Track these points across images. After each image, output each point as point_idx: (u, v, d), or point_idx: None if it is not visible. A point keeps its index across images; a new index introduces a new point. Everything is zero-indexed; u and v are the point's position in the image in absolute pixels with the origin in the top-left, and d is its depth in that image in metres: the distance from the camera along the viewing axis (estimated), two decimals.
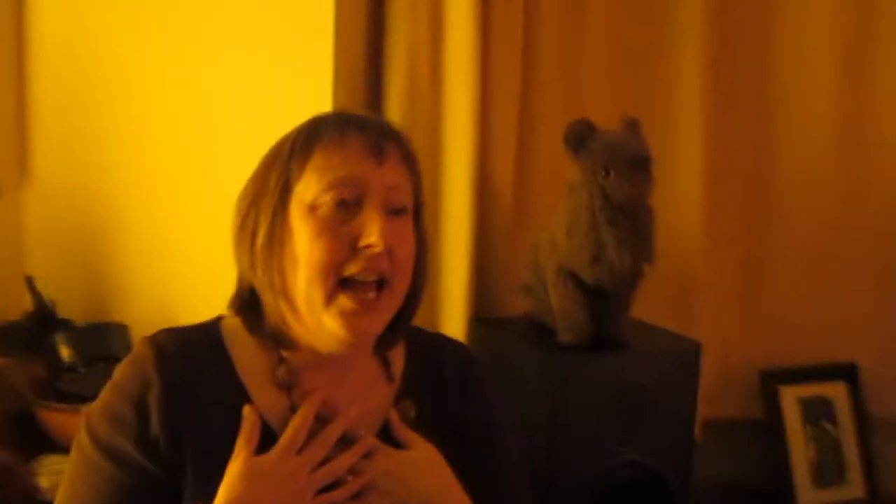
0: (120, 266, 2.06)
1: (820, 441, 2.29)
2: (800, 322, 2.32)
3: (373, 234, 1.09)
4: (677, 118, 2.17)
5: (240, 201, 1.17)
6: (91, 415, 1.14)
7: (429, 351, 1.30)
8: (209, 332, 1.20)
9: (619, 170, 1.65)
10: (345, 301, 1.09)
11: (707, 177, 2.19)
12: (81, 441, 1.14)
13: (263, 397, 1.15)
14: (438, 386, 1.27)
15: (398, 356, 1.27)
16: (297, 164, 1.13)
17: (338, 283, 1.10)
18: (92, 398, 1.79)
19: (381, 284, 1.12)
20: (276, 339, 1.17)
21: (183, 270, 2.02)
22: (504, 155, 2.02)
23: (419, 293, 1.21)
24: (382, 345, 1.22)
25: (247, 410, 1.12)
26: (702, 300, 2.22)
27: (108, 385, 1.15)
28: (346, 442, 1.15)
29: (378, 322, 1.14)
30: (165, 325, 1.19)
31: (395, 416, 1.21)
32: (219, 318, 1.23)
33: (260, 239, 1.12)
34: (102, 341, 1.90)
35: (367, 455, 1.15)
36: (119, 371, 1.16)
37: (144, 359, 1.13)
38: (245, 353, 1.18)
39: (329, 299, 1.10)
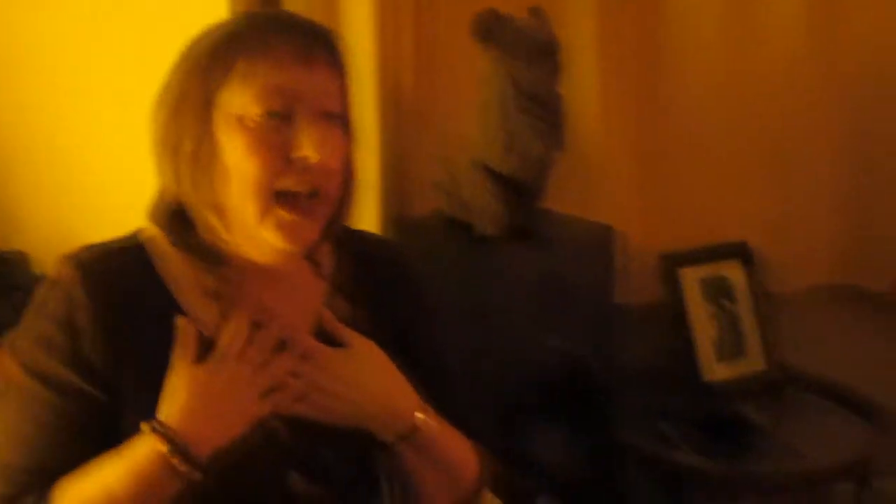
0: (11, 191, 1.95)
1: (720, 319, 2.36)
2: (694, 206, 2.37)
3: (307, 146, 1.05)
4: (573, 9, 2.16)
5: (158, 110, 1.10)
6: (16, 344, 1.08)
7: (358, 249, 1.27)
8: (132, 246, 1.14)
9: (530, 57, 1.63)
10: (282, 213, 1.06)
11: (601, 67, 2.20)
12: (10, 374, 1.07)
13: (196, 308, 1.11)
14: (370, 283, 1.25)
15: (326, 257, 1.24)
16: (219, 71, 1.06)
17: (272, 196, 1.06)
18: None
19: (313, 193, 1.08)
20: (207, 253, 1.12)
21: (79, 191, 1.93)
22: (404, 52, 1.98)
23: (351, 197, 1.18)
24: (312, 247, 1.19)
25: (180, 322, 1.08)
26: (601, 188, 2.24)
27: (30, 311, 1.09)
28: (287, 348, 1.12)
29: (315, 229, 1.11)
30: (66, 250, 1.12)
31: (328, 315, 1.18)
32: (139, 231, 1.17)
33: (185, 151, 1.07)
34: (2, 271, 1.81)
35: (309, 357, 1.13)
36: (41, 295, 1.09)
37: (69, 280, 1.07)
38: (172, 264, 1.13)
39: (264, 213, 1.06)
